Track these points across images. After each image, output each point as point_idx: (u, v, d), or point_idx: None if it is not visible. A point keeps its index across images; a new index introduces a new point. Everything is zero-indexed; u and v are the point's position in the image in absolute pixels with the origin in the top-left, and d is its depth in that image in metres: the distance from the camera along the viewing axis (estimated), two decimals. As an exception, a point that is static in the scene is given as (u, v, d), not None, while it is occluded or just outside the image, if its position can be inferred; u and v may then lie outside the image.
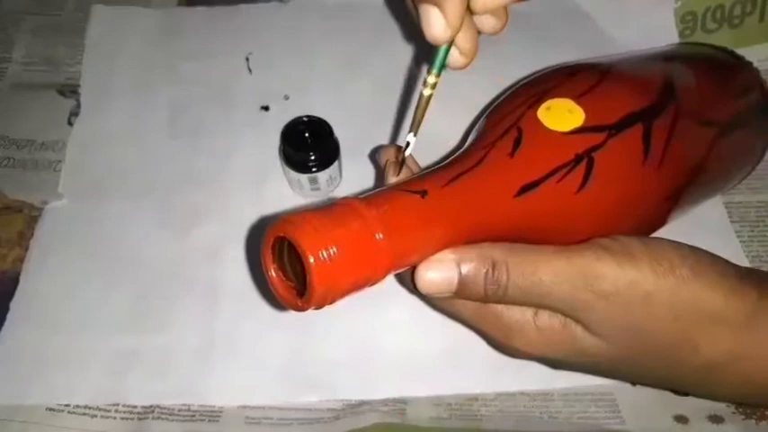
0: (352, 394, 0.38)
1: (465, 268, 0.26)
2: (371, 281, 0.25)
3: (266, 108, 0.50)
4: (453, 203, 0.26)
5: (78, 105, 0.50)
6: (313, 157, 0.42)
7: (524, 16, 0.54)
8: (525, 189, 0.27)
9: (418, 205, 0.25)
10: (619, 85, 0.31)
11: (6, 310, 0.41)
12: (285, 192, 0.45)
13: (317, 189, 0.44)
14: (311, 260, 0.23)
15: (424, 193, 0.26)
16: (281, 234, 0.24)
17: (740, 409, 0.36)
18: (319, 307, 0.24)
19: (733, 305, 0.27)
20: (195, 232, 0.44)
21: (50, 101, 0.50)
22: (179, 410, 0.37)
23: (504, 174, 0.27)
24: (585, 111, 0.29)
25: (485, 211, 0.27)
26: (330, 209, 0.24)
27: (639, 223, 0.31)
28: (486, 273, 0.26)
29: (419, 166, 0.32)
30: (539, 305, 0.28)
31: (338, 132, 0.43)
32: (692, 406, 0.36)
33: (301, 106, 0.47)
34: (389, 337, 0.40)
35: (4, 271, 0.42)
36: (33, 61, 0.52)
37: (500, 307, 0.28)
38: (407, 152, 0.29)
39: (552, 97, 0.30)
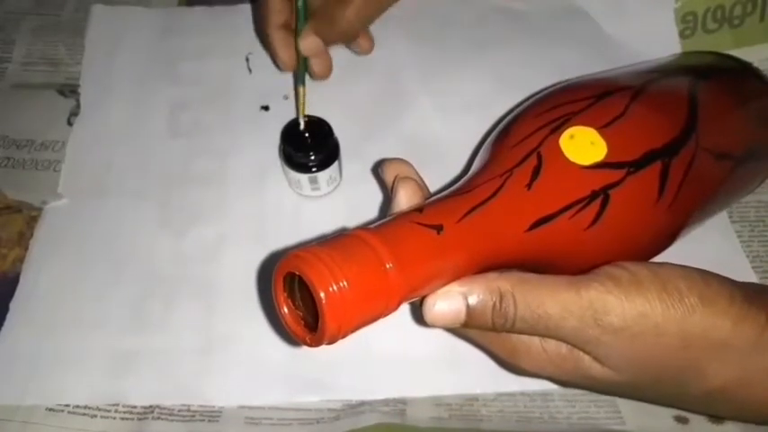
0: (352, 394, 0.38)
1: (472, 300, 0.27)
2: (383, 314, 0.25)
3: (266, 108, 0.50)
4: (468, 238, 0.26)
5: (78, 105, 0.50)
6: (313, 157, 0.42)
7: (524, 16, 0.54)
8: (539, 223, 0.27)
9: (433, 241, 0.25)
10: (645, 115, 0.30)
11: (6, 310, 0.41)
12: (285, 192, 0.45)
13: (317, 189, 0.44)
14: (322, 295, 0.23)
15: (439, 229, 0.25)
16: (291, 270, 0.24)
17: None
18: (332, 342, 0.24)
19: (741, 331, 0.27)
20: (195, 232, 0.44)
21: (50, 101, 0.50)
22: (179, 411, 0.37)
23: (520, 207, 0.27)
24: (608, 144, 0.28)
25: (497, 244, 0.27)
26: (341, 242, 0.24)
27: (644, 255, 0.31)
28: (494, 305, 0.26)
29: (424, 183, 0.32)
30: (546, 336, 0.28)
31: (338, 132, 0.43)
32: (693, 406, 0.37)
33: (301, 106, 0.47)
34: (390, 337, 0.40)
35: (4, 271, 0.42)
36: (33, 61, 0.52)
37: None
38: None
39: (576, 124, 0.29)
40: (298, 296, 0.25)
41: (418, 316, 0.40)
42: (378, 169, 0.32)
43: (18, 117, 0.49)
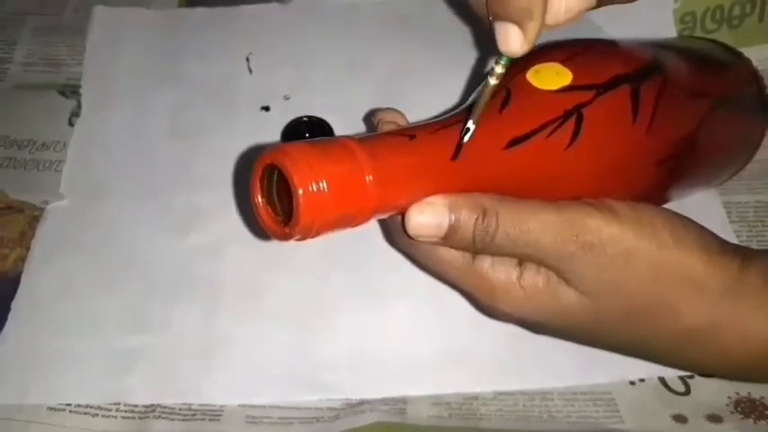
0: (352, 393, 0.38)
1: (456, 214, 0.27)
2: (357, 219, 0.25)
3: (267, 108, 0.50)
4: (442, 149, 0.26)
5: (79, 106, 0.50)
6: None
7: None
8: (514, 142, 0.28)
9: (407, 147, 0.26)
10: (606, 51, 0.32)
11: (8, 309, 0.41)
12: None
13: (318, 189, 0.44)
14: (300, 192, 0.23)
15: (413, 137, 0.26)
16: (273, 162, 0.24)
17: (738, 409, 0.36)
18: (303, 237, 0.25)
19: (713, 274, 0.28)
20: (196, 232, 0.44)
21: (51, 101, 0.50)
22: (180, 409, 0.37)
23: (493, 127, 0.28)
24: (573, 72, 0.29)
25: (473, 160, 0.27)
26: (325, 144, 0.25)
27: (629, 187, 0.31)
28: (477, 219, 0.27)
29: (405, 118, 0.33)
30: (524, 255, 0.28)
31: (338, 132, 0.43)
32: (691, 405, 0.37)
33: (302, 106, 0.47)
34: (389, 336, 0.40)
35: (5, 271, 0.42)
36: (34, 62, 0.53)
37: (486, 266, 0.29)
38: (466, 138, 0.27)
39: (541, 62, 0.30)
40: (275, 194, 0.26)
41: (419, 316, 0.41)
42: (370, 117, 0.33)
43: (19, 117, 0.49)
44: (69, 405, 0.37)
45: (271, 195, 0.26)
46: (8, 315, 0.40)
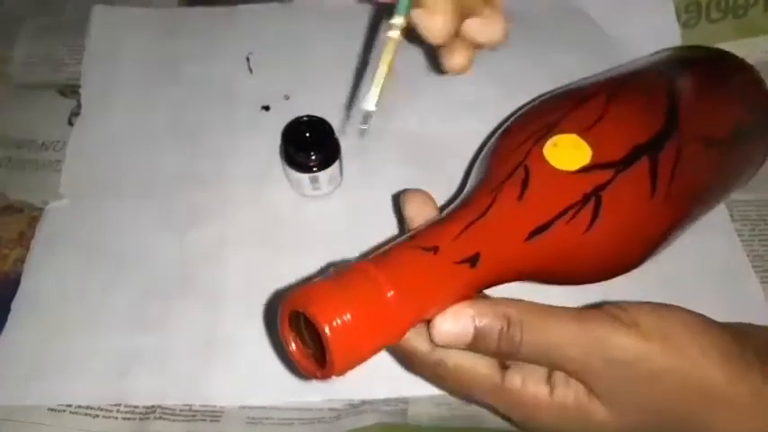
0: (353, 394, 0.38)
1: (480, 323, 0.27)
2: (392, 340, 0.25)
3: (267, 108, 0.50)
4: (465, 256, 0.26)
5: (79, 105, 0.50)
6: (314, 157, 0.42)
7: (524, 14, 0.54)
8: (535, 233, 0.27)
9: (430, 262, 0.26)
10: (624, 113, 0.31)
11: (8, 310, 0.41)
12: (286, 192, 0.45)
13: (318, 189, 0.44)
14: (326, 329, 0.23)
15: (435, 250, 0.26)
16: (295, 308, 0.24)
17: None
18: (342, 373, 0.25)
19: (740, 391, 0.27)
20: (196, 232, 0.44)
21: (51, 101, 0.50)
22: (180, 410, 0.37)
23: (513, 220, 0.27)
24: (592, 147, 0.29)
25: (494, 258, 0.27)
26: (340, 274, 0.25)
27: (646, 252, 0.31)
28: (501, 329, 0.27)
29: (434, 201, 0.32)
30: (551, 365, 0.28)
31: (338, 132, 0.43)
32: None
33: (302, 106, 0.47)
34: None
35: (5, 271, 0.42)
36: (34, 61, 0.52)
37: (517, 385, 0.28)
38: (366, 126, 0.28)
39: (558, 132, 0.29)
40: (305, 333, 0.26)
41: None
42: (398, 199, 0.32)
43: (19, 117, 0.49)
44: (69, 406, 0.37)
45: (302, 333, 0.26)
46: (8, 315, 0.40)
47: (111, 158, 0.47)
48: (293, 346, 0.26)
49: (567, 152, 0.29)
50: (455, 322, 0.27)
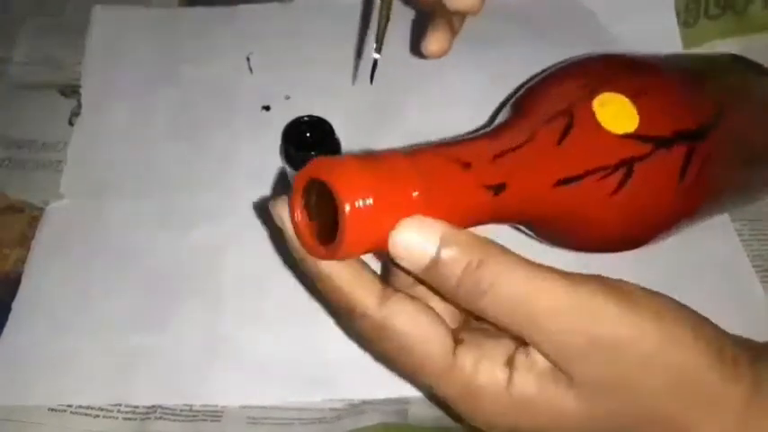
0: (354, 394, 0.38)
1: (446, 251, 0.22)
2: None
3: (267, 108, 0.50)
4: (496, 181, 0.26)
5: (79, 105, 0.50)
6: (315, 157, 0.42)
7: (522, 11, 0.54)
8: (564, 182, 0.27)
9: (460, 177, 0.25)
10: (676, 94, 0.31)
11: (8, 310, 0.41)
12: (286, 192, 0.45)
13: (319, 189, 0.44)
14: (347, 207, 0.22)
15: (468, 166, 0.25)
16: (317, 176, 0.23)
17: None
18: (345, 257, 0.23)
19: (731, 391, 0.24)
20: (196, 232, 0.44)
21: (51, 101, 0.50)
22: (181, 410, 0.37)
23: (547, 162, 0.27)
24: (640, 116, 0.29)
25: (519, 193, 0.26)
26: (371, 158, 0.23)
27: (655, 235, 0.31)
28: (469, 264, 0.22)
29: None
30: (519, 333, 0.23)
31: (339, 132, 0.43)
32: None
33: (302, 106, 0.47)
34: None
35: (5, 271, 0.42)
36: (34, 61, 0.52)
37: (468, 364, 0.24)
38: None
39: (609, 90, 0.29)
40: (313, 209, 0.24)
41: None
42: None
43: (19, 117, 0.49)
44: (70, 406, 0.37)
45: (309, 211, 0.25)
46: (8, 315, 0.40)
47: (111, 158, 0.47)
48: (299, 215, 0.24)
49: (615, 113, 0.28)
50: (418, 232, 0.22)
